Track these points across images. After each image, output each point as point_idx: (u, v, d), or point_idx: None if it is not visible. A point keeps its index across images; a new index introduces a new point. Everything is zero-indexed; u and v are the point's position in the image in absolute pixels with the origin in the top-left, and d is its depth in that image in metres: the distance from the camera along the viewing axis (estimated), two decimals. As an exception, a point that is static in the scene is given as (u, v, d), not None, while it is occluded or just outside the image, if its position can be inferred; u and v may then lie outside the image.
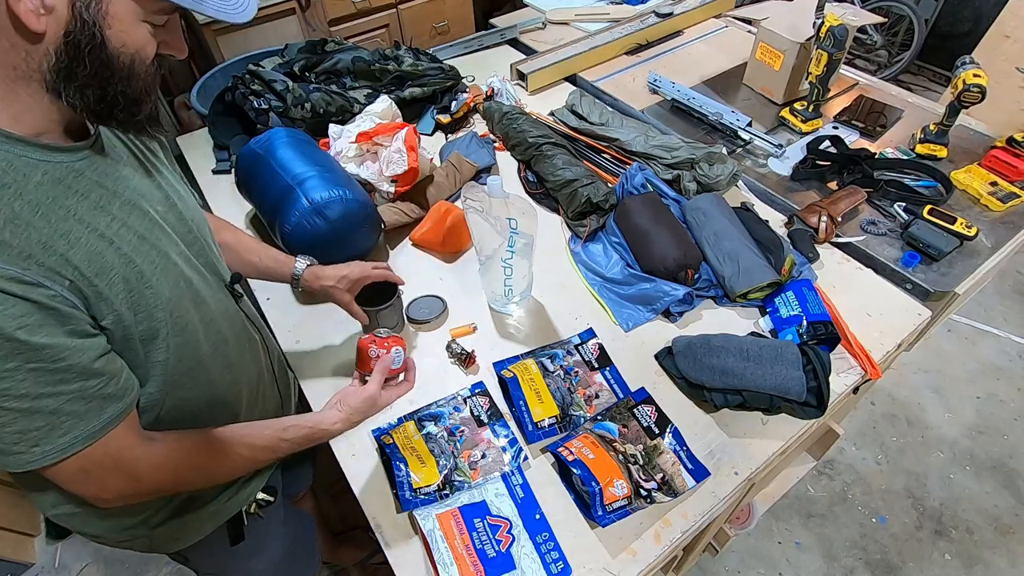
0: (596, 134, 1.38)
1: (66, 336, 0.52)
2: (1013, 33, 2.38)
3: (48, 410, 0.53)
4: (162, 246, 0.63)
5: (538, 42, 1.83)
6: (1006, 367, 2.14)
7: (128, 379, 0.60)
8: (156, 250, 0.62)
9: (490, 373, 0.97)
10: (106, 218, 0.57)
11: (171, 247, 0.65)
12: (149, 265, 0.60)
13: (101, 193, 0.58)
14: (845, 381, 0.95)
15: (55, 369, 0.52)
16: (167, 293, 0.62)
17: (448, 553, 0.73)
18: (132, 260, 0.58)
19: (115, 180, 0.60)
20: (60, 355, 0.51)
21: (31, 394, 0.51)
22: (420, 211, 1.22)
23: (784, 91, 1.50)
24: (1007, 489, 1.82)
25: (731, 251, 1.05)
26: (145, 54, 0.54)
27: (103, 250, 0.56)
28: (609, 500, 0.76)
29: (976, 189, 1.23)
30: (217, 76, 1.69)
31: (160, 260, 0.62)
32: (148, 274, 0.60)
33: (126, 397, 0.59)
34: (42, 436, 0.53)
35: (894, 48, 3.38)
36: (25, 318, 0.49)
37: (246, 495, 0.86)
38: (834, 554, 1.69)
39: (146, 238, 0.61)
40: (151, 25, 0.53)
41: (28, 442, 0.53)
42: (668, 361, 0.96)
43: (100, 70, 0.52)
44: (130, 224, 0.59)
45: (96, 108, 0.54)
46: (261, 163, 1.10)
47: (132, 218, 0.60)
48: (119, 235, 0.58)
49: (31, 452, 0.54)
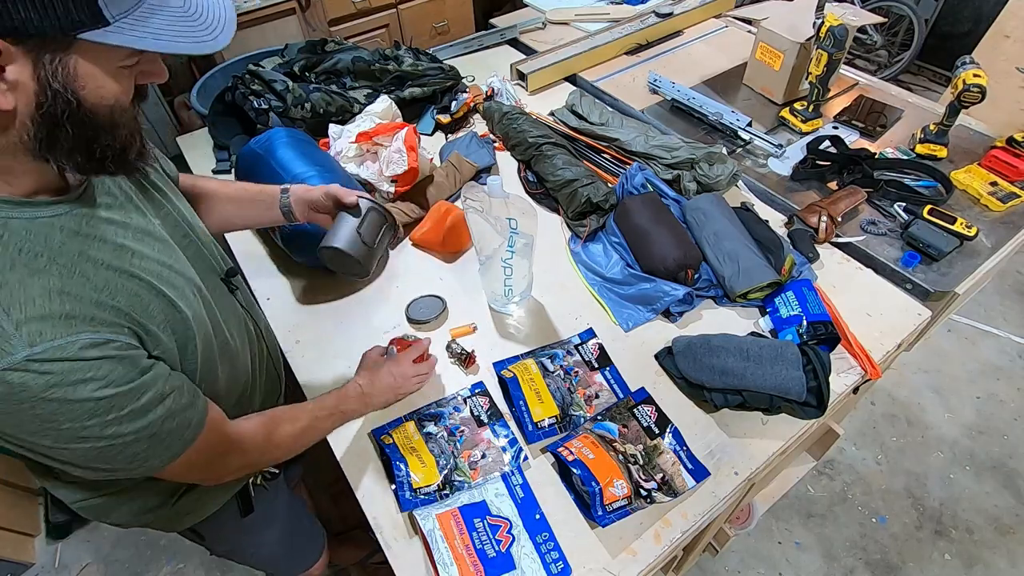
0: (596, 134, 1.38)
1: (141, 375, 0.55)
2: (1013, 33, 2.38)
3: (148, 435, 0.57)
4: (174, 263, 0.64)
5: (538, 42, 1.83)
6: (1006, 367, 2.14)
7: (191, 385, 0.64)
8: (172, 270, 0.63)
9: (490, 373, 0.97)
10: (127, 255, 0.58)
11: (179, 260, 0.66)
12: (173, 289, 0.62)
13: (115, 230, 0.59)
14: (845, 381, 0.95)
15: (142, 406, 0.56)
16: (190, 311, 0.64)
17: (448, 553, 0.73)
18: (161, 291, 0.60)
19: (120, 210, 0.61)
20: (142, 392, 0.55)
21: (131, 431, 0.56)
22: (420, 211, 1.22)
23: (784, 91, 1.50)
24: (1007, 489, 1.82)
25: (731, 251, 1.05)
26: (124, 101, 0.53)
27: (138, 290, 0.57)
28: (609, 500, 0.76)
29: (976, 189, 1.23)
30: (217, 76, 1.70)
31: (178, 280, 0.64)
32: (175, 298, 0.62)
33: (199, 398, 0.64)
34: (150, 454, 0.59)
35: (894, 48, 3.38)
36: (110, 375, 0.52)
37: None
38: (834, 554, 1.69)
39: (163, 262, 0.62)
40: (127, 68, 0.51)
41: (139, 460, 0.59)
42: (668, 361, 0.96)
43: (82, 131, 0.50)
44: (147, 253, 0.61)
45: (87, 166, 0.53)
46: (261, 163, 1.10)
47: (146, 245, 0.61)
48: (144, 268, 0.59)
49: (145, 466, 0.60)
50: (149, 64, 0.54)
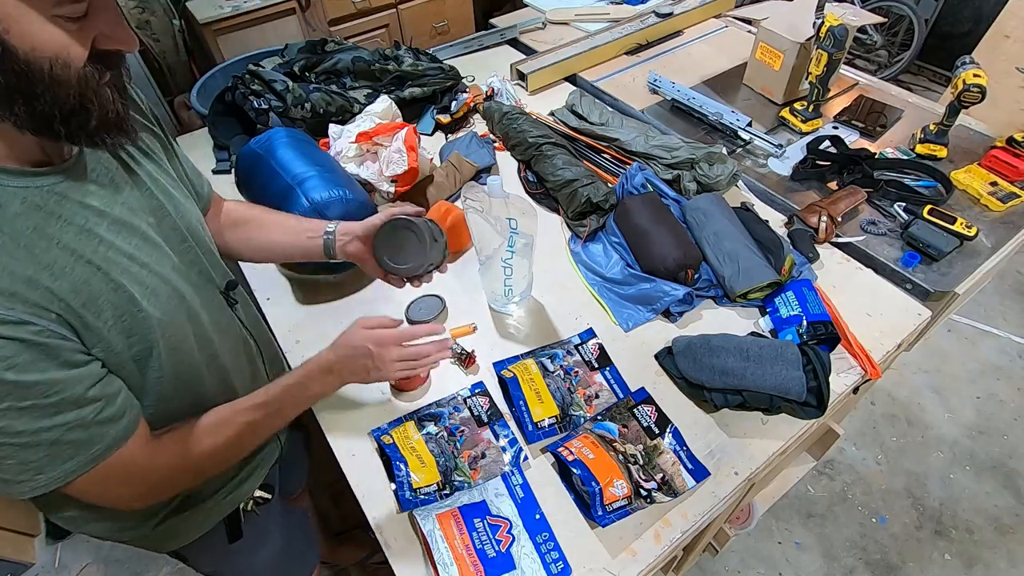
0: (596, 134, 1.38)
1: (57, 369, 0.51)
2: (1013, 33, 2.38)
3: (48, 441, 0.52)
4: (153, 264, 0.61)
5: (538, 42, 1.83)
6: (1006, 367, 2.14)
7: (127, 398, 0.59)
8: (147, 269, 0.60)
9: (490, 373, 0.97)
10: (93, 242, 0.55)
11: (163, 262, 0.63)
12: (140, 287, 0.58)
13: (87, 215, 0.55)
14: (845, 381, 0.95)
15: (49, 404, 0.51)
16: (159, 313, 0.60)
17: (448, 553, 0.73)
18: (121, 285, 0.56)
19: (102, 198, 0.58)
20: (53, 389, 0.51)
21: (28, 430, 0.51)
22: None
23: (784, 91, 1.50)
24: (1007, 489, 1.82)
25: (731, 251, 1.05)
26: (68, 56, 0.47)
27: (89, 278, 0.54)
28: (609, 500, 0.76)
29: (976, 189, 1.23)
30: (217, 76, 1.70)
31: (151, 279, 0.60)
32: (139, 297, 0.58)
33: (126, 416, 0.58)
34: (44, 465, 0.53)
35: (894, 48, 3.38)
36: (14, 358, 0.48)
37: (243, 492, 0.86)
38: (834, 554, 1.69)
39: (136, 258, 0.59)
40: (67, 20, 0.47)
41: (31, 471, 0.53)
42: (668, 361, 0.96)
43: (17, 82, 0.46)
44: (119, 245, 0.57)
45: (31, 124, 0.49)
46: (261, 163, 1.10)
47: (121, 238, 0.58)
48: (107, 259, 0.56)
49: (35, 480, 0.54)
50: (106, 24, 0.49)
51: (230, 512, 0.86)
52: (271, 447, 0.92)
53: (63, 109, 0.49)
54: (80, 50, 0.48)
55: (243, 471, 0.86)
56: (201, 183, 0.84)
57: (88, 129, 0.52)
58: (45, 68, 0.47)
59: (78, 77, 0.48)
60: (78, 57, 0.48)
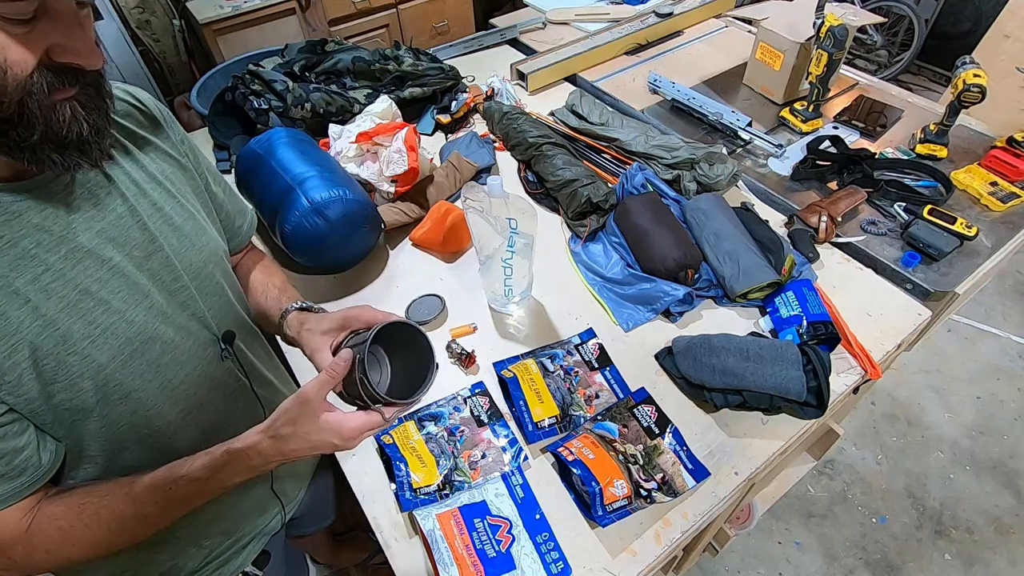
0: (596, 134, 1.38)
1: None
2: (1013, 33, 2.38)
3: None
4: (115, 301, 0.55)
5: (538, 42, 1.83)
6: (1006, 367, 2.14)
7: (28, 459, 0.52)
8: (103, 306, 0.54)
9: (490, 373, 0.97)
10: (35, 270, 0.50)
11: (134, 301, 0.57)
12: (84, 326, 0.53)
13: (39, 238, 0.51)
14: (845, 381, 0.95)
15: None
16: (105, 358, 0.54)
17: (448, 553, 0.73)
18: (53, 322, 0.51)
19: (68, 223, 0.53)
20: None
21: None
22: (420, 211, 1.22)
23: (784, 91, 1.50)
24: (1007, 489, 1.82)
25: (731, 251, 1.05)
26: (3, 60, 0.43)
27: (7, 310, 0.48)
28: (609, 500, 0.76)
29: (976, 189, 1.23)
30: (217, 76, 1.70)
31: (105, 319, 0.54)
32: (77, 337, 0.52)
33: (20, 478, 0.52)
34: None
35: (894, 48, 3.38)
36: None
37: (231, 568, 0.82)
38: (834, 554, 1.69)
39: (91, 292, 0.53)
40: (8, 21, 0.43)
41: None
42: (668, 361, 0.96)
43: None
44: (70, 276, 0.52)
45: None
46: (261, 163, 1.10)
47: (77, 269, 0.53)
48: (48, 290, 0.51)
49: None
50: (60, 34, 0.45)
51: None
52: (273, 516, 0.87)
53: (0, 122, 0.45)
54: (21, 56, 0.44)
55: (236, 544, 0.82)
56: (242, 221, 0.80)
57: (30, 144, 0.47)
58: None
59: (16, 85, 0.44)
60: (18, 63, 0.44)
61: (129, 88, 0.66)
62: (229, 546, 0.82)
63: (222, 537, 0.80)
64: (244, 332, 0.73)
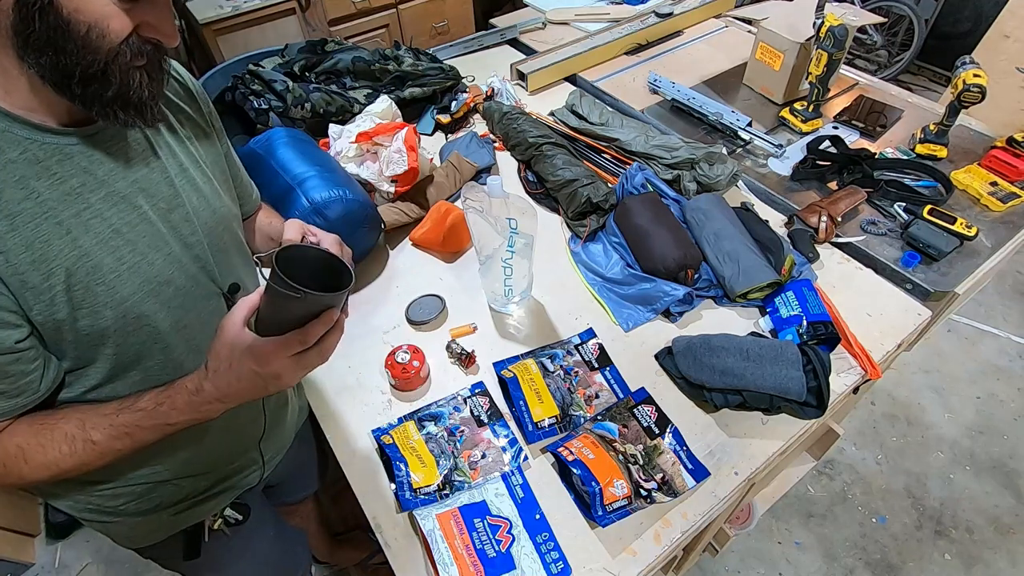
0: (596, 134, 1.38)
1: None
2: (1013, 33, 2.38)
3: None
4: (141, 244, 0.61)
5: (538, 42, 1.83)
6: (1006, 367, 2.14)
7: (29, 384, 0.57)
8: (130, 246, 0.60)
9: (490, 373, 0.97)
10: (78, 206, 0.56)
11: (155, 246, 0.63)
12: (113, 261, 0.59)
13: (84, 180, 0.57)
14: (845, 381, 0.95)
15: None
16: (126, 292, 0.60)
17: (448, 553, 0.73)
18: (88, 253, 0.57)
19: (110, 170, 0.59)
20: None
21: None
22: (420, 211, 1.22)
23: (784, 91, 1.50)
24: (1007, 489, 1.82)
25: (731, 251, 1.05)
26: (107, 27, 0.50)
27: (51, 238, 0.54)
28: (609, 500, 0.76)
29: (976, 189, 1.23)
30: (217, 76, 1.69)
31: (131, 257, 0.60)
32: (106, 270, 0.58)
33: (16, 398, 0.57)
34: None
35: (894, 48, 3.38)
36: None
37: (206, 509, 0.84)
38: (834, 554, 1.69)
39: (122, 232, 0.60)
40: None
41: None
42: (668, 361, 0.96)
43: (52, 35, 0.49)
44: (107, 216, 0.58)
45: (53, 77, 0.52)
46: (261, 163, 1.10)
47: (113, 211, 0.59)
48: (87, 225, 0.57)
49: None
50: (154, 15, 0.53)
51: (190, 526, 0.83)
52: (251, 470, 0.89)
53: (85, 72, 0.51)
54: (120, 27, 0.51)
55: (212, 488, 0.83)
56: (251, 191, 0.89)
57: (103, 99, 0.54)
58: (81, 31, 0.49)
59: (109, 49, 0.51)
60: (116, 32, 0.51)
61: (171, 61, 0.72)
62: (206, 488, 0.83)
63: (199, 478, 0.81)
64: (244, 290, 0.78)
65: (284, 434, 0.95)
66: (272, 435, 0.90)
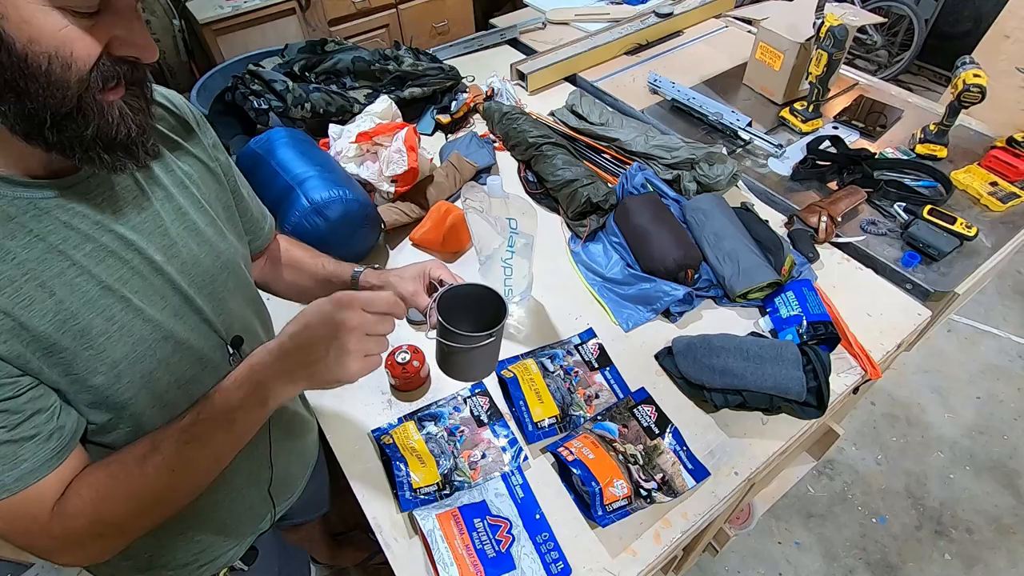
0: (596, 134, 1.38)
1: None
2: (1013, 33, 2.38)
3: None
4: (135, 300, 0.56)
5: (538, 42, 1.83)
6: (1006, 367, 2.14)
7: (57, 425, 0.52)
8: (122, 303, 0.54)
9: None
10: (61, 264, 0.50)
11: (151, 300, 0.58)
12: (103, 322, 0.53)
13: (66, 235, 0.51)
14: (845, 381, 0.95)
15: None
16: (119, 354, 0.55)
17: (448, 553, 0.73)
18: (72, 315, 0.51)
19: (95, 223, 0.53)
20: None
21: None
22: (420, 211, 1.22)
23: (784, 91, 1.50)
24: (1007, 489, 1.82)
25: (731, 251, 1.05)
26: (70, 55, 0.43)
27: (32, 302, 0.49)
28: (609, 500, 0.76)
29: (976, 189, 1.23)
30: (217, 76, 1.69)
31: (123, 316, 0.55)
32: (96, 332, 0.53)
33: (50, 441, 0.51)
34: None
35: (894, 48, 3.38)
36: None
37: (218, 565, 0.82)
38: (834, 554, 1.69)
39: (113, 290, 0.54)
40: (76, 14, 0.42)
41: None
42: (668, 361, 0.96)
43: (9, 77, 0.42)
44: (95, 273, 0.52)
45: (22, 128, 0.45)
46: (261, 163, 1.10)
47: (101, 266, 0.53)
48: (70, 285, 0.51)
49: None
50: (122, 27, 0.45)
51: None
52: (262, 514, 0.86)
53: (56, 114, 0.44)
54: (86, 50, 0.43)
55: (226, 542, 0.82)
56: (263, 224, 0.83)
57: (83, 141, 0.47)
58: (42, 65, 0.42)
59: (80, 80, 0.44)
60: (83, 58, 0.43)
61: (162, 90, 0.66)
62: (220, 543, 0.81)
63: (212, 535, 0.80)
64: (251, 338, 0.73)
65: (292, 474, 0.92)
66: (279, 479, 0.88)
